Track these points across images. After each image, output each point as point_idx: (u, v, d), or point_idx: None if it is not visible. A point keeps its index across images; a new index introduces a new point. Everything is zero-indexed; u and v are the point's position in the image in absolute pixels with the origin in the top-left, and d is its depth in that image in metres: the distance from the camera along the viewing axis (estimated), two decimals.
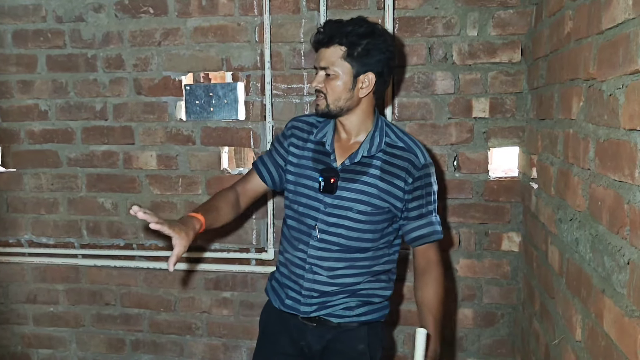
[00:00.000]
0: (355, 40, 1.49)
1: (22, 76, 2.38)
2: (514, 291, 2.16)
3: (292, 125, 1.71)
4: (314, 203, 1.59)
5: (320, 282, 1.59)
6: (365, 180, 1.55)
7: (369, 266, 1.61)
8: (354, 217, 1.56)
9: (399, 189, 1.56)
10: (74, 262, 2.44)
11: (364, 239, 1.58)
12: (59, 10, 2.31)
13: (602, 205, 1.14)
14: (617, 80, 1.06)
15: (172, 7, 2.23)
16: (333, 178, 1.56)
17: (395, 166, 1.56)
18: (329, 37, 1.51)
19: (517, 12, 2.01)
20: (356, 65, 1.51)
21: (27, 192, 2.45)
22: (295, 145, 1.66)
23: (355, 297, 1.62)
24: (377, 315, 1.67)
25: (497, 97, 2.07)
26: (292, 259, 1.64)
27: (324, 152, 1.61)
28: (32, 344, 2.56)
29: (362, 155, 1.56)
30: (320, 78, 1.53)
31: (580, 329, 1.28)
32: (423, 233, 1.60)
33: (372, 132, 1.59)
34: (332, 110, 1.55)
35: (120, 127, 2.34)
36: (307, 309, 1.61)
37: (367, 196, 1.55)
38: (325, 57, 1.52)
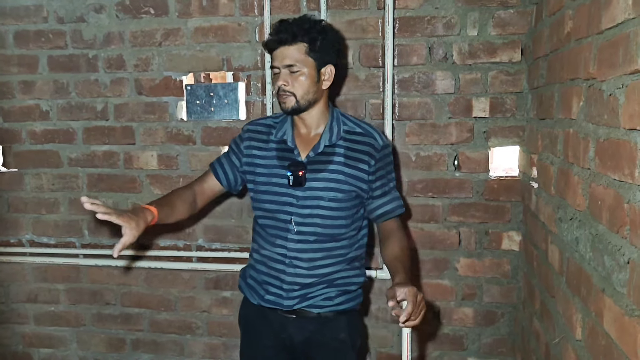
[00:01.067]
0: (316, 36, 1.57)
1: (23, 76, 2.38)
2: (514, 290, 2.16)
3: (248, 129, 1.74)
4: (286, 198, 1.63)
5: (301, 275, 1.64)
6: (331, 168, 1.63)
7: (344, 254, 1.68)
8: (327, 205, 1.62)
9: (363, 172, 1.64)
10: (74, 261, 2.45)
11: (337, 225, 1.65)
12: (60, 10, 2.31)
13: (602, 204, 1.14)
14: (617, 80, 1.06)
15: (172, 8, 2.23)
16: (301, 171, 1.61)
17: (358, 151, 1.64)
18: (292, 35, 1.56)
19: (517, 12, 2.01)
20: (318, 59, 1.59)
21: (28, 192, 2.46)
22: (257, 148, 1.70)
23: (333, 286, 1.68)
24: (354, 304, 1.74)
25: (498, 96, 2.07)
26: (271, 256, 1.67)
27: (287, 149, 1.66)
28: (32, 344, 2.57)
29: (324, 145, 1.63)
30: (286, 77, 1.58)
31: (581, 328, 1.29)
32: (388, 209, 1.70)
33: (329, 122, 1.67)
34: (301, 105, 1.60)
35: (121, 127, 2.34)
36: (290, 302, 1.65)
37: (335, 183, 1.62)
38: (289, 54, 1.56)
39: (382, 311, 2.26)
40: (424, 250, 2.20)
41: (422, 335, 2.24)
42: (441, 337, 2.24)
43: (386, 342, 2.28)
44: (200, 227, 2.33)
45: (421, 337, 2.25)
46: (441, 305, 2.22)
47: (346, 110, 2.17)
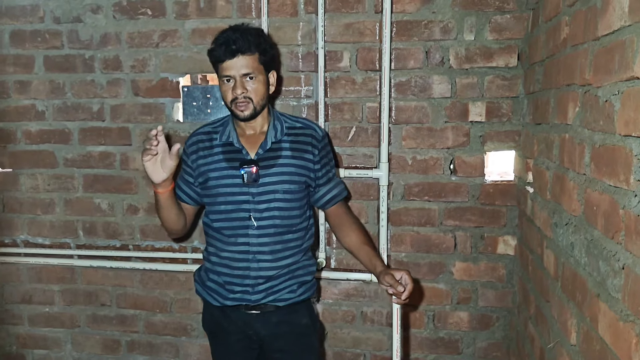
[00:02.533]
0: (266, 46, 1.67)
1: (19, 76, 2.38)
2: (509, 294, 2.17)
3: (190, 142, 1.79)
4: (242, 197, 1.68)
5: (266, 268, 1.70)
6: (281, 162, 1.70)
7: (300, 244, 1.77)
8: (282, 197, 1.70)
9: (310, 162, 1.74)
10: (69, 262, 2.44)
11: (293, 216, 1.73)
12: (57, 10, 2.31)
13: (598, 210, 1.15)
14: (613, 86, 1.07)
15: (170, 9, 2.23)
16: (254, 168, 1.68)
17: (302, 143, 1.74)
18: (248, 45, 1.61)
19: (513, 17, 2.02)
20: (266, 66, 1.68)
21: (24, 193, 2.45)
22: (202, 157, 1.74)
23: (294, 278, 1.76)
24: (312, 292, 1.84)
25: (494, 101, 2.08)
26: (232, 256, 1.72)
27: (234, 150, 1.71)
28: (27, 345, 2.55)
29: (271, 142, 1.71)
30: (243, 85, 1.63)
31: (575, 332, 1.29)
32: (334, 194, 1.82)
33: (272, 121, 1.75)
34: (257, 111, 1.67)
35: (117, 128, 2.34)
36: (256, 297, 1.71)
37: (287, 175, 1.70)
38: (247, 63, 1.62)
39: (377, 314, 2.26)
40: (419, 254, 2.20)
41: (417, 339, 2.25)
42: (436, 341, 2.24)
43: (381, 345, 2.28)
44: (195, 229, 2.33)
45: (416, 340, 2.25)
46: (436, 309, 2.23)
47: (343, 113, 2.17)
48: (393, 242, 2.21)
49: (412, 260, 2.21)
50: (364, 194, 2.21)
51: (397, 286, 1.54)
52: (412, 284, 1.56)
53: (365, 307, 2.27)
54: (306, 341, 1.83)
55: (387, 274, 1.58)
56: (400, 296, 1.55)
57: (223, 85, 1.67)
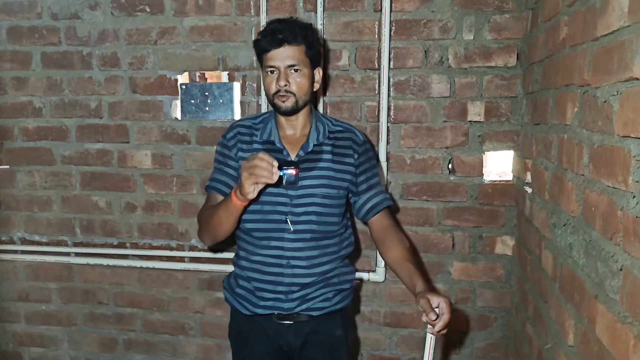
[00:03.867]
0: (312, 39, 1.61)
1: (16, 73, 2.37)
2: (507, 295, 2.17)
3: (234, 134, 1.70)
4: (279, 198, 1.61)
5: (300, 275, 1.63)
6: (321, 165, 1.65)
7: (337, 251, 1.70)
8: (320, 202, 1.64)
9: (350, 166, 1.68)
10: (67, 260, 2.43)
11: (330, 222, 1.67)
12: (55, 7, 2.30)
13: (596, 211, 1.15)
14: (612, 87, 1.06)
15: (168, 6, 2.22)
16: (295, 170, 1.58)
17: (342, 147, 1.69)
18: (294, 35, 1.56)
19: (513, 17, 2.01)
20: (312, 61, 1.62)
21: (21, 190, 2.44)
22: (242, 150, 1.67)
23: (330, 286, 1.68)
24: (348, 301, 1.76)
25: (493, 101, 2.07)
26: (264, 260, 1.64)
27: (275, 149, 1.65)
28: (23, 343, 2.55)
29: (313, 145, 1.65)
30: (287, 77, 1.57)
31: (573, 333, 1.29)
32: (376, 202, 1.71)
33: (314, 123, 1.69)
34: (299, 105, 1.61)
35: (115, 126, 2.33)
36: (289, 305, 1.63)
37: (326, 179, 1.64)
38: (292, 54, 1.56)
39: (375, 314, 2.26)
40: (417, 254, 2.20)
41: (414, 339, 2.24)
42: None
43: (379, 345, 2.27)
44: (193, 227, 2.32)
45: (414, 340, 2.24)
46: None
47: (342, 112, 2.17)
48: None
49: None
50: None
51: (430, 313, 1.34)
52: (449, 314, 1.35)
53: (363, 306, 2.26)
54: (336, 355, 1.74)
55: (422, 297, 1.38)
56: (433, 325, 1.35)
57: (267, 77, 1.60)
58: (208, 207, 1.67)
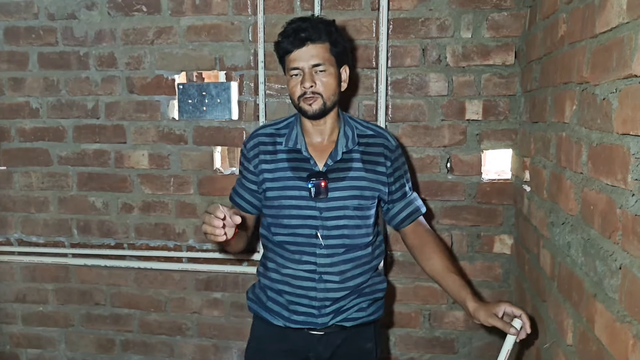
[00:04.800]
0: (336, 36, 1.52)
1: (13, 73, 2.36)
2: (505, 294, 2.16)
3: (255, 144, 1.61)
4: (309, 212, 1.54)
5: (333, 289, 1.56)
6: (352, 175, 1.56)
7: (370, 261, 1.63)
8: (352, 214, 1.56)
9: (382, 175, 1.60)
10: (63, 261, 2.42)
11: (363, 234, 1.60)
12: (51, 7, 2.29)
13: (595, 209, 1.14)
14: (611, 84, 1.05)
15: (165, 6, 2.21)
16: (323, 181, 1.52)
17: (373, 154, 1.60)
18: (318, 33, 1.48)
19: (511, 15, 2.01)
20: (338, 59, 1.53)
21: (17, 191, 2.43)
22: (265, 161, 1.59)
23: (363, 296, 1.62)
24: (382, 312, 1.70)
25: (491, 99, 2.07)
26: (296, 274, 1.57)
27: (301, 158, 1.56)
28: (20, 344, 2.54)
29: (342, 152, 1.56)
30: (313, 77, 1.49)
31: (572, 333, 1.28)
32: (410, 211, 1.67)
33: (342, 127, 1.60)
34: (327, 107, 1.52)
35: (112, 126, 2.32)
36: (323, 320, 1.57)
37: (358, 190, 1.56)
38: (317, 53, 1.48)
39: None
40: None
41: (413, 338, 2.24)
42: (432, 341, 2.23)
43: None
44: (190, 228, 2.31)
45: (412, 340, 2.24)
46: (432, 308, 2.22)
47: None
48: (390, 241, 2.19)
49: (408, 259, 2.19)
50: None
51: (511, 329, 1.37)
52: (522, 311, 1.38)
53: None
54: None
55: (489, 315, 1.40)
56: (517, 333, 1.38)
57: (291, 80, 1.51)
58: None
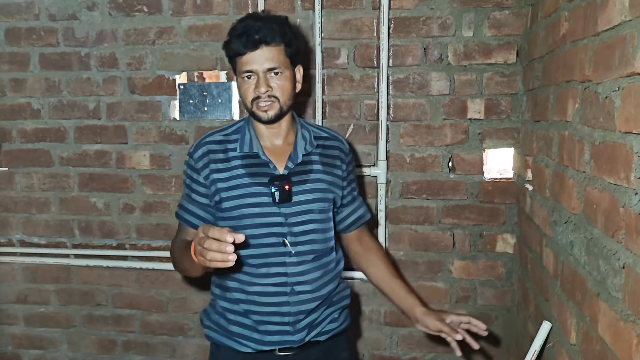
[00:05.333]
0: (291, 36, 1.44)
1: (14, 74, 2.36)
2: (508, 293, 2.15)
3: (203, 153, 1.48)
4: (273, 219, 1.44)
5: (306, 301, 1.47)
6: (313, 178, 1.50)
7: (335, 267, 1.57)
8: (318, 217, 1.50)
9: (339, 178, 1.56)
10: (65, 262, 2.42)
11: (329, 238, 1.54)
12: (52, 8, 2.28)
13: (598, 208, 1.13)
14: (613, 82, 1.05)
15: (166, 6, 2.21)
16: (286, 185, 1.44)
17: (330, 157, 1.55)
18: (272, 35, 1.39)
19: (512, 13, 2.00)
20: (292, 60, 1.45)
21: (19, 191, 2.43)
22: (216, 170, 1.46)
23: (333, 305, 1.56)
24: (349, 319, 1.65)
25: (492, 98, 2.06)
26: (264, 290, 1.45)
27: (259, 163, 1.46)
28: (22, 345, 2.54)
29: (302, 154, 1.49)
30: (268, 81, 1.40)
31: (575, 332, 1.28)
32: (359, 215, 1.65)
33: (299, 129, 1.53)
34: (284, 112, 1.45)
35: (114, 127, 2.32)
36: (299, 336, 1.48)
37: (321, 193, 1.50)
38: (271, 56, 1.39)
39: (376, 313, 2.24)
40: (418, 253, 2.19)
41: (415, 338, 2.23)
42: (435, 340, 2.22)
43: (379, 344, 2.26)
44: None
45: (414, 339, 2.23)
46: (435, 307, 2.20)
47: (341, 111, 2.16)
48: (391, 240, 2.19)
49: (411, 258, 2.19)
50: (361, 193, 2.19)
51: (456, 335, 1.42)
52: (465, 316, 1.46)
53: (363, 306, 2.25)
54: None
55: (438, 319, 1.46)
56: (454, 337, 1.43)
57: (243, 83, 1.42)
58: (178, 243, 1.48)
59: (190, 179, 1.51)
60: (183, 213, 1.53)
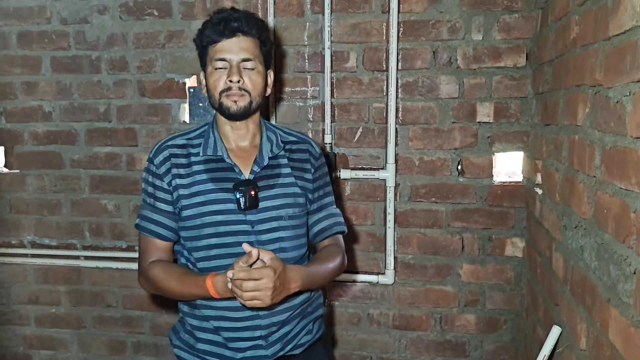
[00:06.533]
0: (266, 35, 1.40)
1: (26, 77, 2.38)
2: (517, 297, 2.15)
3: (165, 158, 1.40)
4: (238, 227, 1.36)
5: (278, 312, 1.39)
6: (282, 182, 1.42)
7: None
8: (287, 224, 1.41)
9: (308, 182, 1.47)
10: (76, 263, 2.44)
11: (299, 245, 1.46)
12: (64, 12, 2.31)
13: (608, 213, 1.13)
14: (624, 87, 1.05)
15: (176, 10, 2.22)
16: (252, 190, 1.36)
17: (299, 160, 1.47)
18: (249, 25, 1.34)
19: (522, 17, 2.00)
20: (266, 59, 1.41)
21: (30, 193, 2.45)
22: (178, 176, 1.38)
23: (307, 317, 1.49)
24: (323, 326, 1.59)
25: (502, 101, 2.06)
26: (234, 305, 1.35)
27: (223, 167, 1.39)
28: (33, 345, 2.56)
29: (267, 157, 1.41)
30: (240, 72, 1.34)
31: (585, 337, 1.27)
32: (324, 226, 1.51)
33: (264, 132, 1.46)
34: (253, 108, 1.38)
35: (124, 129, 2.34)
36: (272, 349, 1.40)
37: (291, 198, 1.42)
38: (248, 46, 1.34)
39: (384, 316, 2.24)
40: (426, 256, 2.18)
41: (424, 341, 2.23)
42: (443, 344, 2.22)
43: (387, 348, 2.26)
44: None
45: (423, 343, 2.23)
46: (443, 311, 2.21)
47: (349, 114, 2.16)
48: (400, 243, 2.19)
49: (419, 262, 2.19)
50: (370, 196, 2.19)
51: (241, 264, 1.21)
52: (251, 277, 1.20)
53: (371, 309, 2.25)
54: None
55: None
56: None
57: (214, 73, 1.35)
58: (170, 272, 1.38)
59: (152, 186, 1.41)
60: (147, 224, 1.42)
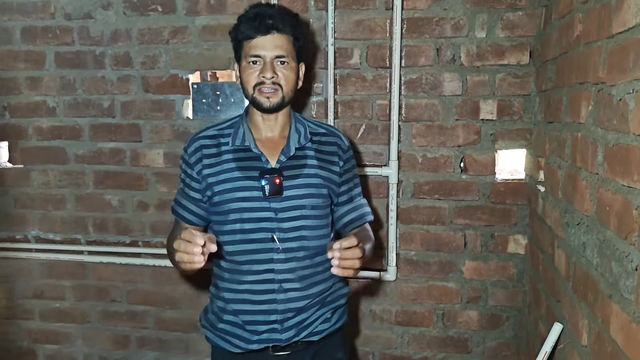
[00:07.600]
0: (300, 30, 1.46)
1: (30, 72, 2.39)
2: (519, 294, 2.15)
3: (196, 148, 1.50)
4: (262, 213, 1.42)
5: (295, 299, 1.45)
6: (307, 172, 1.47)
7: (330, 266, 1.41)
8: (309, 214, 1.47)
9: (335, 174, 1.53)
10: (80, 258, 2.45)
11: (322, 235, 1.51)
12: (68, 7, 2.31)
13: (610, 210, 1.14)
14: (628, 85, 1.05)
15: (180, 5, 2.23)
16: (277, 178, 1.42)
17: (327, 152, 1.53)
18: (283, 23, 1.40)
19: (526, 14, 2.00)
20: (298, 54, 1.47)
21: (35, 189, 2.47)
22: (208, 166, 1.47)
23: (326, 306, 1.53)
24: (345, 318, 1.63)
25: (505, 99, 2.06)
26: (252, 288, 1.45)
27: (251, 157, 1.45)
28: (38, 340, 2.58)
29: (295, 148, 1.47)
30: (274, 68, 1.40)
31: (587, 334, 1.28)
32: (355, 216, 1.59)
33: (293, 123, 1.52)
34: (285, 102, 1.46)
35: (128, 125, 2.35)
36: (287, 334, 1.46)
37: (315, 188, 1.47)
38: (281, 44, 1.40)
39: (386, 312, 2.25)
40: (429, 253, 2.19)
41: (426, 338, 2.24)
42: (446, 340, 2.23)
43: (390, 344, 2.27)
44: None
45: (425, 339, 2.24)
46: (446, 307, 2.22)
47: (353, 111, 2.16)
48: (402, 240, 2.20)
49: (422, 259, 2.20)
50: (373, 192, 2.20)
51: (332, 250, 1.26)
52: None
53: (374, 305, 2.26)
54: None
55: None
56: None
57: (248, 68, 1.40)
58: (170, 241, 1.46)
59: (184, 173, 1.53)
60: (178, 208, 1.56)
